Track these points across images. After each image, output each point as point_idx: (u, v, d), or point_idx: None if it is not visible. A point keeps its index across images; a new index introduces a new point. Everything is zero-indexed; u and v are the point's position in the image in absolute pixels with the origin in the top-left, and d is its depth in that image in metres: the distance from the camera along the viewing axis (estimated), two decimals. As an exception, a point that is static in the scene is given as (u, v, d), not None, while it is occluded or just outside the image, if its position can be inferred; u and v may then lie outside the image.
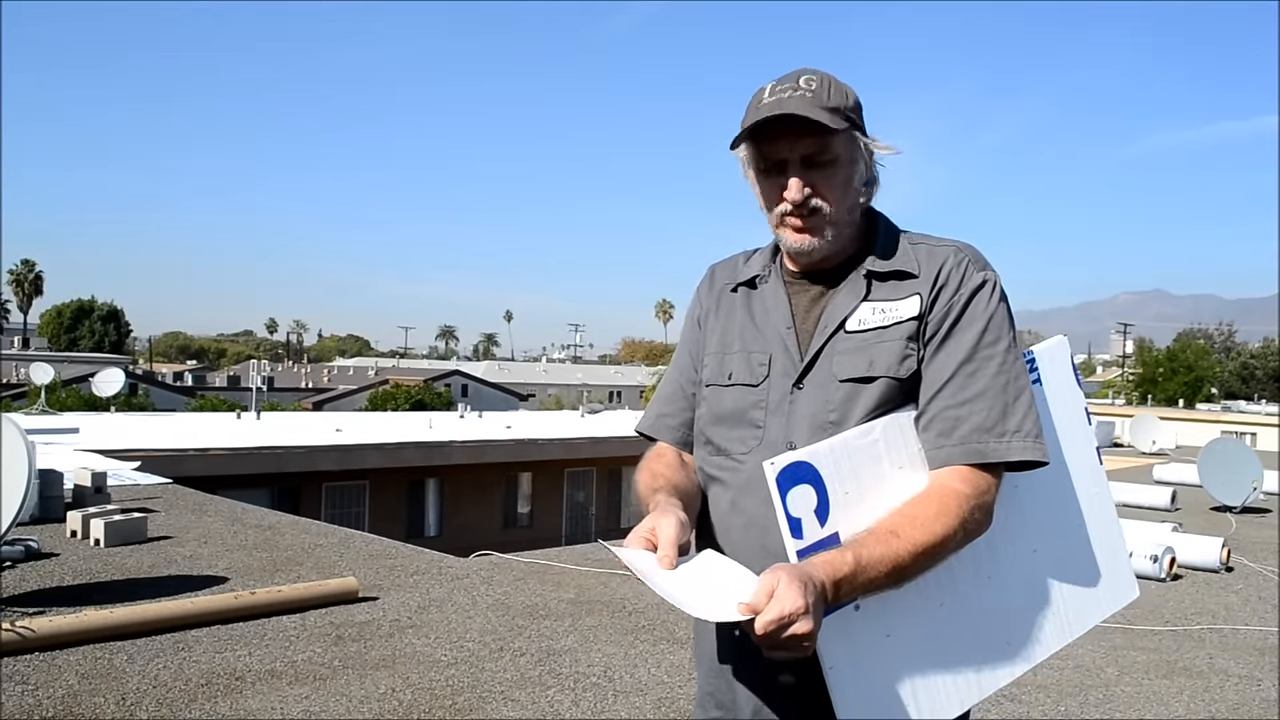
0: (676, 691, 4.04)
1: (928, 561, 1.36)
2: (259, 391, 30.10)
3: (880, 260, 1.50)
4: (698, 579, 1.36)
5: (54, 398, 25.99)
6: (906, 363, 1.45)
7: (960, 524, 1.37)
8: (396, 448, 16.74)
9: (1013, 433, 1.42)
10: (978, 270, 1.49)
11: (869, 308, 1.48)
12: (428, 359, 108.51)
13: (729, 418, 1.55)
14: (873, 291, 1.49)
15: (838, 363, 1.47)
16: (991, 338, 1.45)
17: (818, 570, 1.26)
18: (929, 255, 1.50)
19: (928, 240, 1.54)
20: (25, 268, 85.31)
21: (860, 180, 1.50)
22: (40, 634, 4.13)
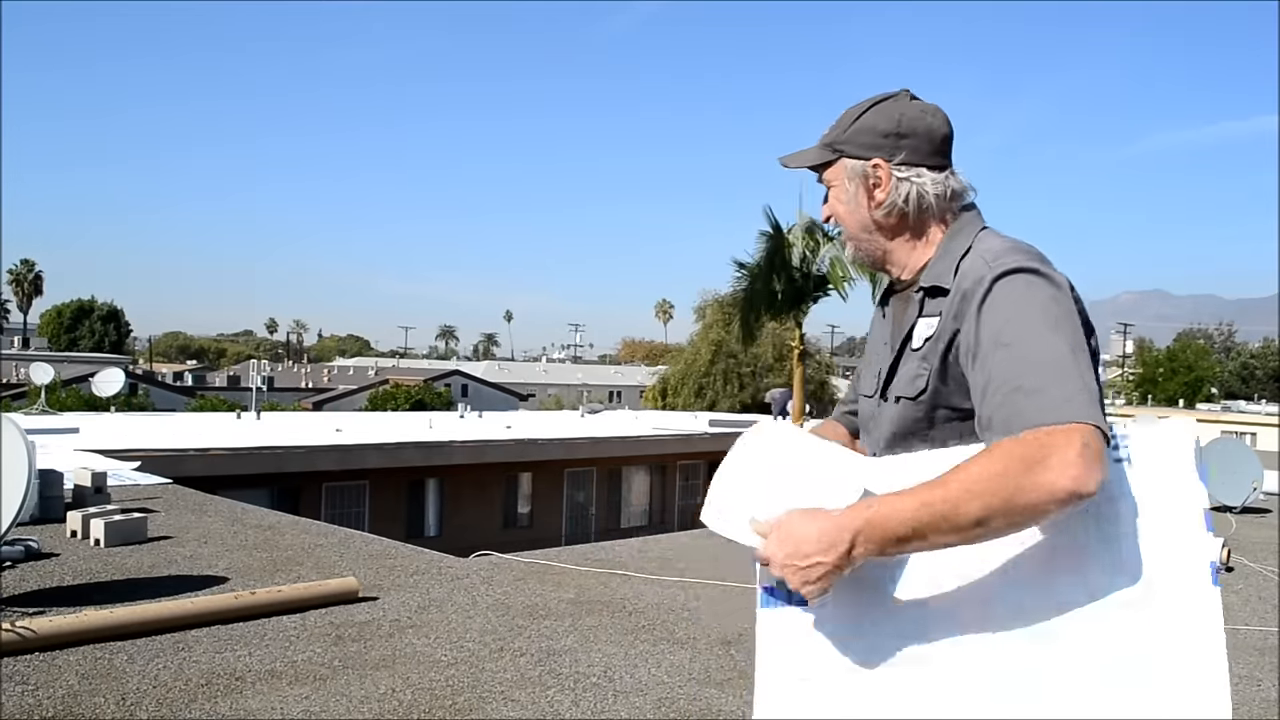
0: (676, 691, 4.04)
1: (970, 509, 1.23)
2: (259, 391, 30.09)
3: (929, 274, 1.57)
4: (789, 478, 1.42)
5: (54, 398, 25.99)
6: (916, 382, 1.52)
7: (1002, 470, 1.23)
8: (396, 448, 16.73)
9: (1061, 401, 1.27)
10: (1001, 268, 1.43)
11: (924, 324, 1.55)
12: (428, 359, 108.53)
13: (863, 425, 1.73)
14: (926, 307, 1.56)
15: (900, 379, 1.58)
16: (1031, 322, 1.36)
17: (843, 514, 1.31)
18: (966, 266, 1.49)
19: (980, 244, 1.52)
20: (25, 268, 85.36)
21: (852, 200, 1.61)
22: (40, 634, 4.13)
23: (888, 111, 1.58)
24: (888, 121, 1.57)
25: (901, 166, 1.56)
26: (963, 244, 1.54)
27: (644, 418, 28.86)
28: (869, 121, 1.58)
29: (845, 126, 1.61)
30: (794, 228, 17.27)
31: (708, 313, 43.87)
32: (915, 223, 1.59)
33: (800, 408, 18.46)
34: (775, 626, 1.45)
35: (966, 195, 1.61)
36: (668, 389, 44.13)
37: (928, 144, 1.57)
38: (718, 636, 4.90)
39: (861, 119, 1.59)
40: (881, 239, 1.62)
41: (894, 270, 1.65)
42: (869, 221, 1.60)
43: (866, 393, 1.69)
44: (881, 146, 1.57)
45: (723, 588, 6.06)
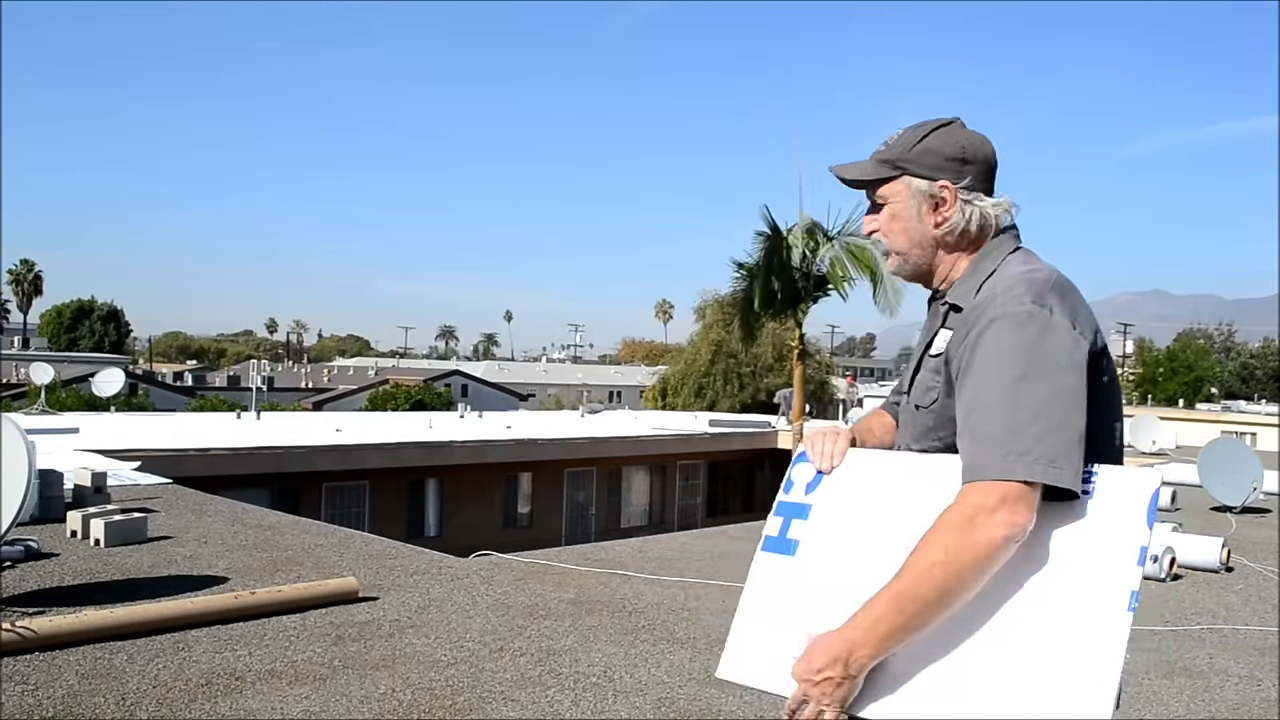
0: (676, 691, 4.04)
1: (932, 585, 1.43)
2: (259, 391, 30.08)
3: (955, 291, 1.69)
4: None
5: (54, 398, 25.98)
6: (930, 393, 1.67)
7: (943, 540, 1.43)
8: (396, 448, 16.73)
9: (1018, 454, 1.44)
10: (1003, 305, 1.55)
11: (943, 335, 1.68)
12: (428, 359, 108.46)
13: (900, 421, 1.84)
14: (948, 320, 1.68)
15: (917, 384, 1.73)
16: (1004, 370, 1.50)
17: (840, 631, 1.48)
18: (986, 289, 1.61)
19: (1004, 269, 1.64)
20: (25, 268, 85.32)
21: (914, 220, 1.70)
22: (40, 634, 4.13)
23: (951, 137, 1.69)
24: (953, 147, 1.68)
25: (964, 190, 1.67)
26: (989, 266, 1.66)
27: (644, 418, 28.86)
28: (934, 144, 1.69)
29: (908, 147, 1.70)
30: (794, 228, 17.25)
31: (708, 313, 43.82)
32: (971, 242, 1.70)
33: (800, 408, 18.44)
34: (765, 567, 1.74)
35: (1005, 221, 1.72)
36: (668, 389, 44.11)
37: (985, 170, 1.70)
38: (718, 636, 4.90)
39: (926, 141, 1.69)
40: (934, 254, 1.72)
41: (934, 282, 1.76)
42: (928, 238, 1.70)
43: (903, 390, 1.82)
44: (946, 169, 1.68)
45: (723, 588, 6.06)
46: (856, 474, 1.73)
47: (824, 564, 1.66)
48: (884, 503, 1.65)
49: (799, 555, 1.70)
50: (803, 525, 1.73)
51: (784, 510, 1.77)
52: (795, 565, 1.70)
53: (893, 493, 1.66)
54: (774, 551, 1.74)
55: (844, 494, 1.72)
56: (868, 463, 1.74)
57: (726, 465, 23.96)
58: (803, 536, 1.72)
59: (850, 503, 1.70)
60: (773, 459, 23.65)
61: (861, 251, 16.90)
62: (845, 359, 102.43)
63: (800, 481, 1.78)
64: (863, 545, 1.63)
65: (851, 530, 1.67)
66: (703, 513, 22.96)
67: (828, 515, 1.71)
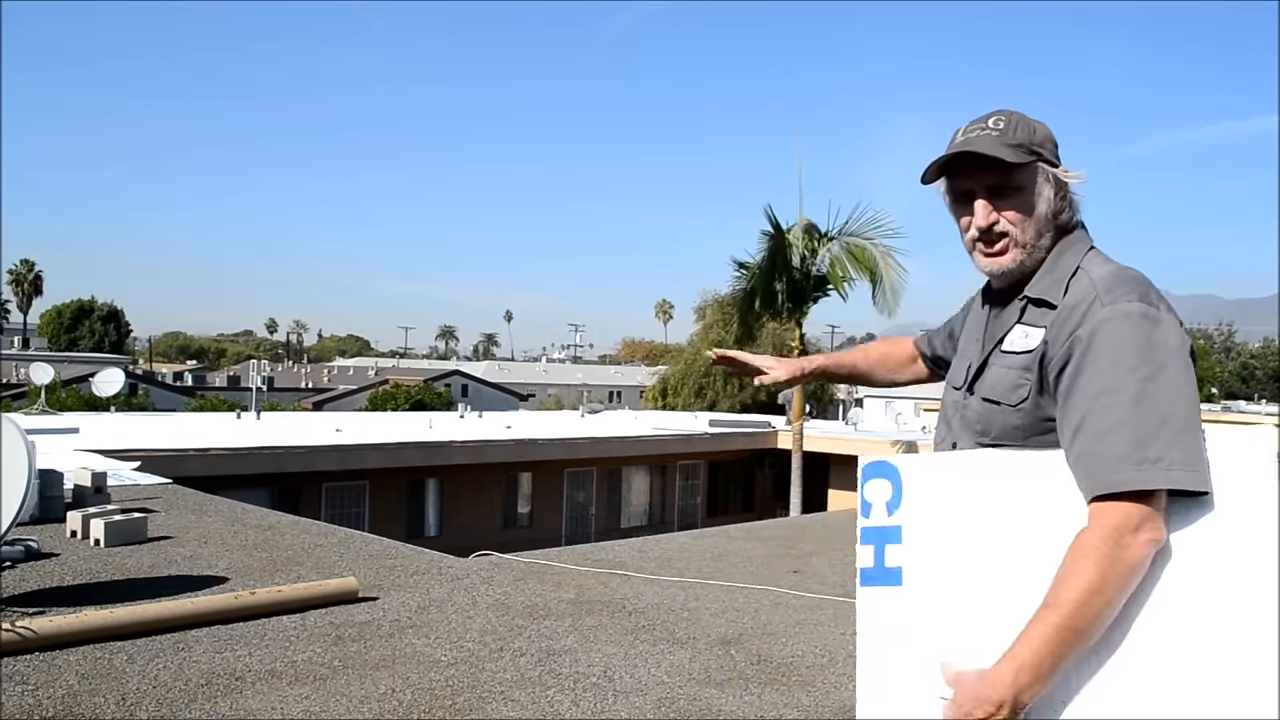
0: (676, 691, 4.04)
1: (1091, 614, 1.37)
2: (259, 391, 30.10)
3: (1038, 285, 1.61)
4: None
5: (54, 398, 25.99)
6: (1018, 391, 1.59)
7: (1097, 566, 1.37)
8: (396, 448, 16.74)
9: (1152, 461, 1.39)
10: (1111, 303, 1.49)
11: (1020, 330, 1.61)
12: (428, 359, 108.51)
13: (941, 412, 1.80)
14: (1026, 315, 1.61)
15: (987, 379, 1.65)
16: (1126, 368, 1.43)
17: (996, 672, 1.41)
18: (1076, 285, 1.55)
19: (1090, 267, 1.58)
20: (25, 268, 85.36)
21: (1047, 209, 1.61)
22: (40, 634, 4.13)
23: (1038, 124, 1.63)
24: (1048, 133, 1.63)
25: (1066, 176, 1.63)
26: (1071, 262, 1.60)
27: (644, 418, 28.87)
28: (1044, 131, 1.62)
29: (1030, 131, 1.61)
30: (793, 228, 17.26)
31: (708, 313, 43.83)
32: (1064, 234, 1.64)
33: (800, 408, 18.45)
34: (873, 603, 1.59)
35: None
36: (668, 389, 44.12)
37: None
38: (718, 636, 4.90)
39: (1037, 127, 1.62)
40: (1049, 246, 1.63)
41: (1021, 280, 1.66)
42: (1051, 228, 1.63)
43: (955, 384, 1.75)
44: (1056, 156, 1.63)
45: (723, 588, 6.06)
46: (941, 483, 1.60)
47: (938, 591, 1.55)
48: (985, 514, 1.54)
49: (907, 584, 1.57)
50: (900, 550, 1.59)
51: (872, 537, 1.62)
52: (906, 596, 1.57)
53: (991, 501, 1.54)
54: (877, 584, 1.60)
55: (936, 509, 1.58)
56: (948, 468, 1.62)
57: (726, 465, 23.96)
58: (904, 562, 1.58)
59: (946, 517, 1.57)
60: (773, 459, 23.67)
61: (861, 251, 16.90)
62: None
63: (878, 501, 1.63)
64: (975, 564, 1.53)
65: (957, 548, 1.55)
66: (703, 513, 22.96)
67: (925, 535, 1.58)
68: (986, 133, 1.60)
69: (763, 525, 10.01)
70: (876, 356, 2.22)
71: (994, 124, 1.61)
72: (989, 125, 1.61)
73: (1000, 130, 1.60)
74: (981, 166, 1.60)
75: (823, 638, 4.96)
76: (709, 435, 23.04)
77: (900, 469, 1.62)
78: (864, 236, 16.98)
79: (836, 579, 6.54)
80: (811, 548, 7.90)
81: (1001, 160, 1.57)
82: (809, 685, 4.19)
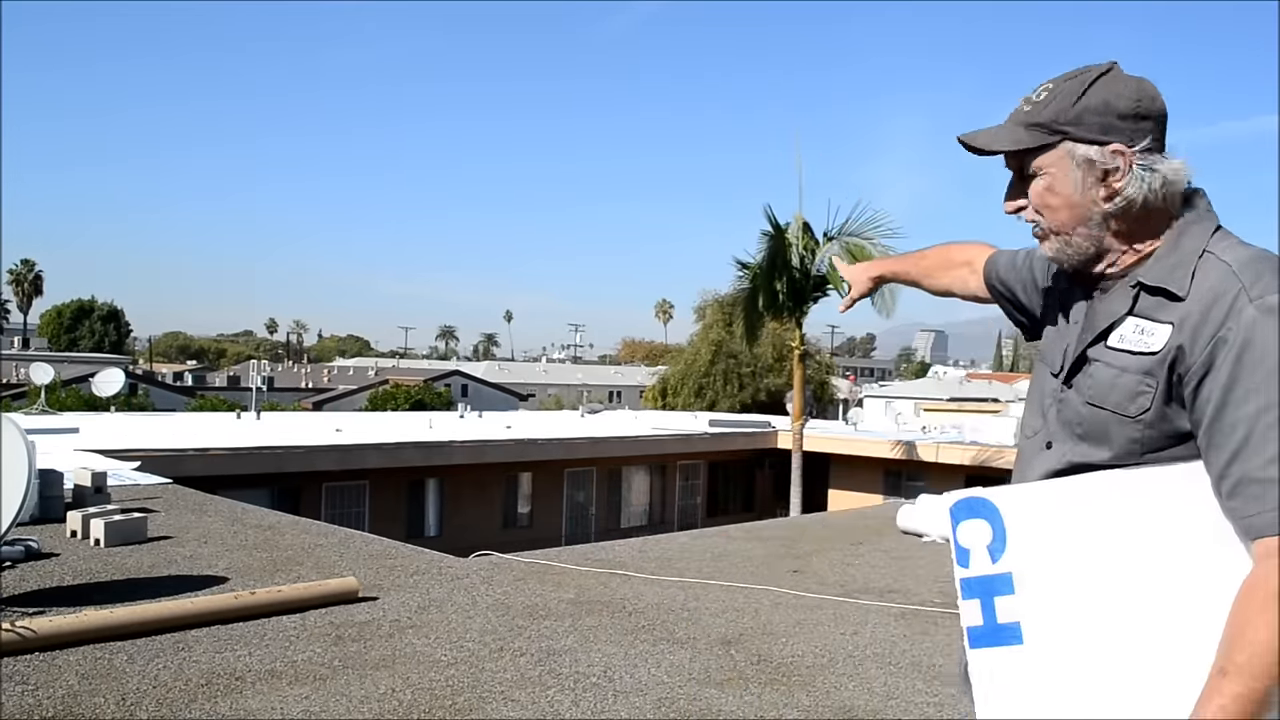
0: (676, 691, 4.04)
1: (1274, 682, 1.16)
2: (259, 391, 30.10)
3: (1154, 270, 1.39)
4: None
5: (54, 398, 25.99)
6: (1139, 400, 1.35)
7: (1270, 627, 1.16)
8: (396, 448, 16.73)
9: None
10: (1261, 296, 1.26)
11: (1134, 324, 1.38)
12: (428, 359, 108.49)
13: (1032, 395, 1.57)
14: (1139, 305, 1.39)
15: (1091, 376, 1.42)
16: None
17: None
18: (1205, 273, 1.33)
19: (1221, 250, 1.35)
20: (25, 268, 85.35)
21: (1076, 192, 1.40)
22: (40, 634, 4.13)
23: (1120, 89, 1.39)
24: (1126, 101, 1.38)
25: (1142, 154, 1.38)
26: (1196, 244, 1.37)
27: (644, 418, 28.86)
28: (1100, 99, 1.38)
29: (1068, 104, 1.40)
30: (789, 225, 17.27)
31: (708, 313, 43.83)
32: (1149, 216, 1.41)
33: (800, 408, 18.44)
34: (990, 667, 1.38)
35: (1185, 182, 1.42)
36: (668, 389, 44.10)
37: (1161, 128, 1.39)
38: (718, 636, 4.90)
39: (1088, 95, 1.39)
40: (1102, 233, 1.42)
41: (1099, 266, 1.45)
42: (1095, 214, 1.41)
43: (1053, 369, 1.52)
44: (1120, 130, 1.37)
45: (723, 588, 6.06)
46: (1053, 517, 1.37)
47: (1069, 648, 1.32)
48: (1114, 551, 1.32)
49: (1030, 642, 1.35)
50: (1013, 602, 1.36)
51: (976, 589, 1.39)
52: (1031, 656, 1.34)
53: (1118, 535, 1.32)
54: (992, 645, 1.37)
55: (1053, 549, 1.35)
56: (1059, 499, 1.38)
57: (726, 465, 23.96)
58: (1021, 616, 1.36)
59: (1067, 559, 1.34)
60: (773, 459, 23.67)
61: (860, 251, 16.88)
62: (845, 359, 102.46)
63: (977, 546, 1.40)
64: (1109, 614, 1.31)
65: (1085, 595, 1.32)
66: (703, 513, 22.96)
67: (1043, 582, 1.35)
68: (1018, 111, 1.45)
69: (763, 525, 10.01)
70: (934, 261, 1.95)
71: (1037, 95, 1.44)
72: (1032, 98, 1.44)
73: (1034, 105, 1.43)
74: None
75: (823, 638, 4.96)
76: (709, 435, 23.03)
77: (999, 506, 1.39)
78: (863, 236, 16.98)
79: (836, 579, 6.54)
80: (811, 548, 7.89)
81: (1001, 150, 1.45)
82: (809, 685, 4.19)
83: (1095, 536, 1.33)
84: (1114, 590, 1.31)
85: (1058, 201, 1.42)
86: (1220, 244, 1.36)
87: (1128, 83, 1.40)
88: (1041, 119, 1.41)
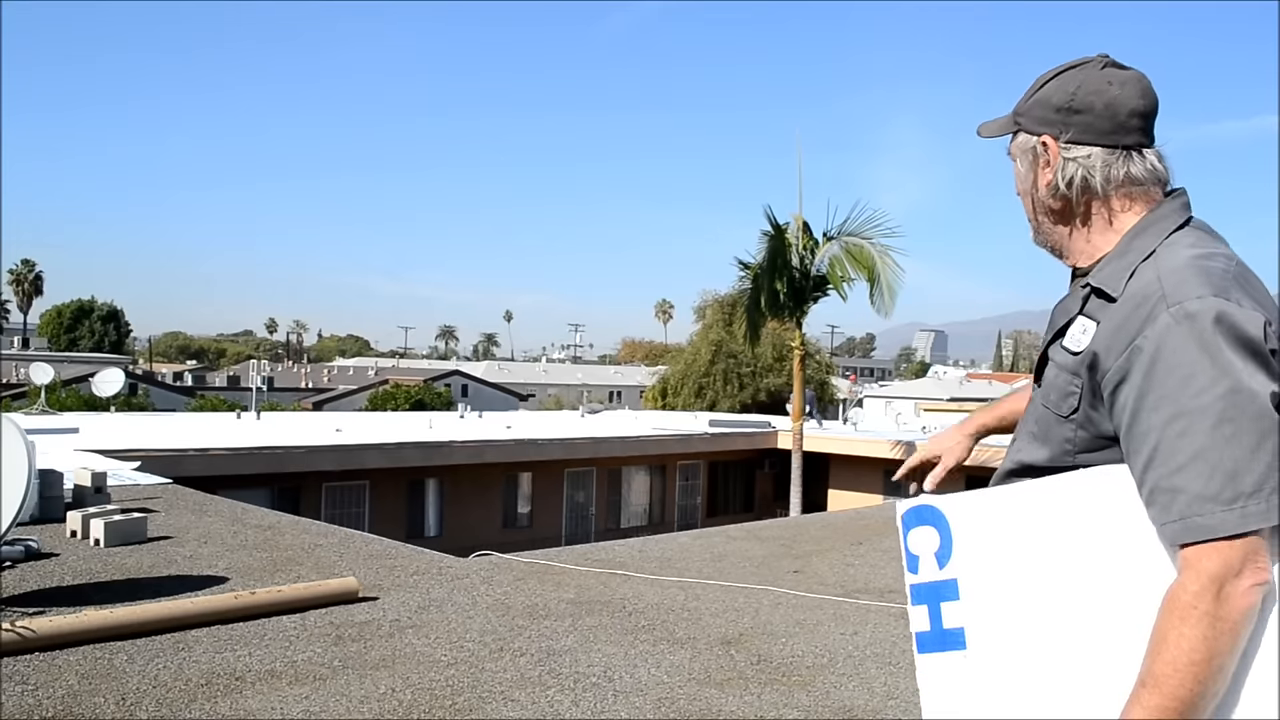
0: (676, 691, 4.04)
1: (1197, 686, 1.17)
2: (259, 391, 30.11)
3: (1102, 271, 1.39)
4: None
5: (54, 398, 25.98)
6: (1069, 400, 1.37)
7: (1196, 629, 1.16)
8: (396, 448, 16.73)
9: (1249, 494, 1.17)
10: (1178, 303, 1.24)
11: (1080, 323, 1.38)
12: (428, 359, 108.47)
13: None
14: (1088, 305, 1.39)
15: (1046, 377, 1.44)
16: (1200, 384, 1.20)
17: None
18: (1139, 276, 1.32)
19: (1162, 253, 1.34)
20: (25, 268, 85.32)
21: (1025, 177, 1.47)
22: (40, 634, 4.13)
23: (1065, 82, 1.42)
24: (1061, 94, 1.42)
25: (1070, 145, 1.40)
26: (1146, 245, 1.36)
27: (644, 418, 28.86)
28: (1046, 93, 1.44)
29: (1027, 97, 1.47)
30: (789, 225, 17.27)
31: (708, 313, 43.86)
32: (1082, 209, 1.42)
33: (800, 408, 18.45)
34: (935, 672, 1.40)
35: (1151, 179, 1.40)
36: (668, 389, 44.09)
37: (1107, 120, 1.39)
38: (718, 636, 4.90)
39: (1042, 90, 1.45)
40: (1051, 223, 1.47)
41: (1070, 258, 1.48)
42: (1041, 204, 1.47)
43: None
44: (1052, 122, 1.42)
45: (723, 588, 6.06)
46: (996, 524, 1.39)
47: (1009, 654, 1.34)
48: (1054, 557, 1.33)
49: (972, 647, 1.37)
50: (958, 608, 1.39)
51: (924, 595, 1.42)
52: (973, 661, 1.37)
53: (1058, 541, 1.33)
54: (937, 650, 1.40)
55: (995, 556, 1.37)
56: (1002, 505, 1.40)
57: (726, 465, 23.96)
58: (966, 622, 1.38)
59: (1009, 565, 1.36)
60: (773, 459, 23.67)
61: (860, 251, 16.90)
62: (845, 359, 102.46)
63: (925, 553, 1.43)
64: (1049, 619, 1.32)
65: (1026, 601, 1.34)
66: (702, 513, 22.96)
67: (985, 589, 1.37)
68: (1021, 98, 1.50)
69: (763, 525, 10.01)
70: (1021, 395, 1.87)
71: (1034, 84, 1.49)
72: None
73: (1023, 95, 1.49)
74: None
75: (823, 638, 4.96)
76: (709, 435, 23.03)
77: (946, 513, 1.41)
78: (862, 236, 16.98)
79: (836, 579, 6.54)
80: (811, 548, 7.89)
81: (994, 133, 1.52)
82: (809, 685, 4.19)
83: (1036, 542, 1.35)
84: (1054, 596, 1.32)
85: (1019, 189, 1.51)
86: (1171, 245, 1.34)
87: (1079, 76, 1.42)
88: (1014, 109, 1.50)
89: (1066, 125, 1.41)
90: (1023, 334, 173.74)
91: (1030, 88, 1.47)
